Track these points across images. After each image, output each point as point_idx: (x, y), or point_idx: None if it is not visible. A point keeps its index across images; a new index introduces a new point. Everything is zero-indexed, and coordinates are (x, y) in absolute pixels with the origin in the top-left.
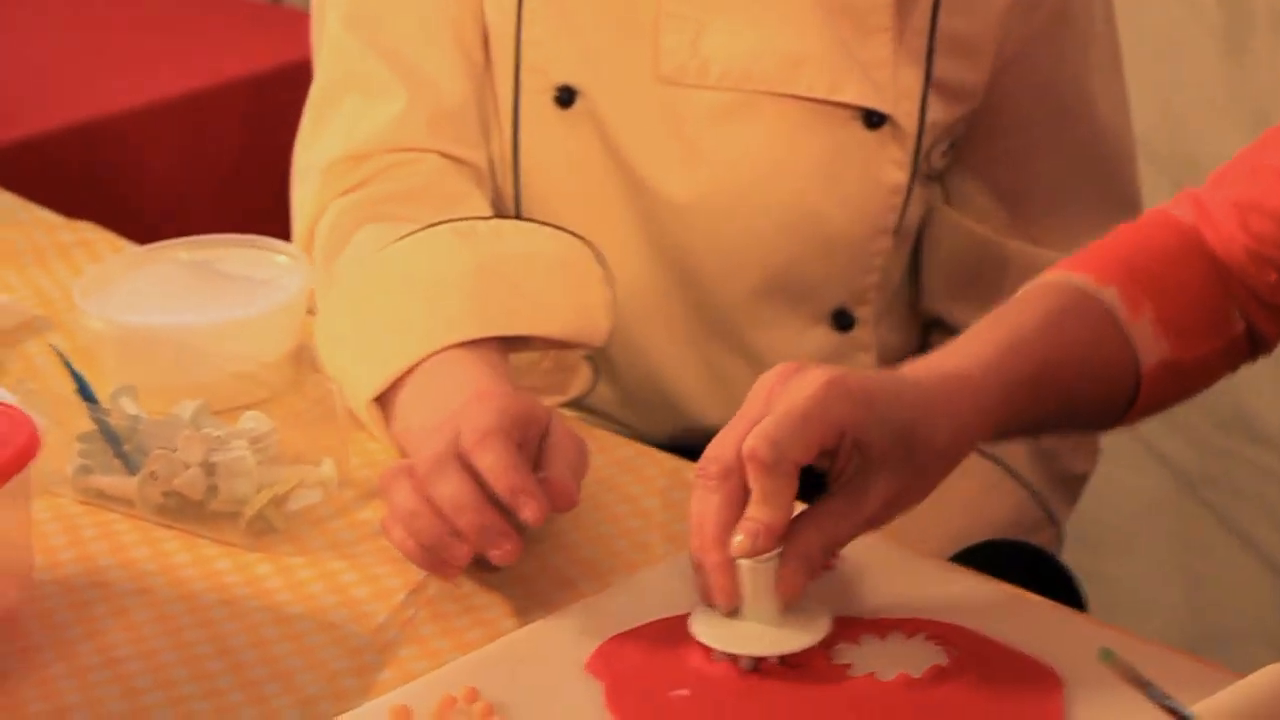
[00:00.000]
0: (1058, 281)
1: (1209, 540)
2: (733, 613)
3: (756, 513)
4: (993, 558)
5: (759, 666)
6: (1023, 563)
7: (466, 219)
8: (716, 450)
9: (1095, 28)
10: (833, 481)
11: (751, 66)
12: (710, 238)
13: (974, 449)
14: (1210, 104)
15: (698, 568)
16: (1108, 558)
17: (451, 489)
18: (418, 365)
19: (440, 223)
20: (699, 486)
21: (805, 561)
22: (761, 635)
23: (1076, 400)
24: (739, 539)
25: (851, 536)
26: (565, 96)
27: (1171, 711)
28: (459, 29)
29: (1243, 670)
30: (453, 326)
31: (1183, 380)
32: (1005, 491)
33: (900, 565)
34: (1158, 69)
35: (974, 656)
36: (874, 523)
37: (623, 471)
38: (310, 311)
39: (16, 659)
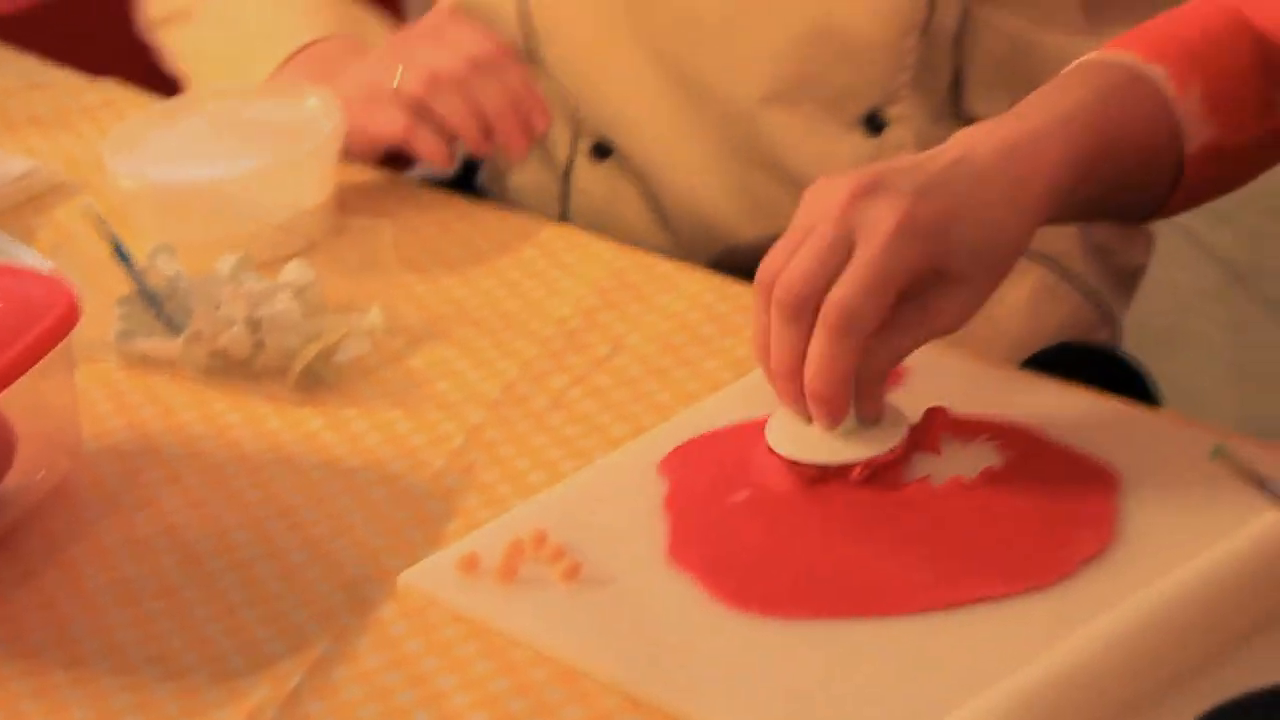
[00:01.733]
0: (1104, 60)
1: (1260, 331)
2: (809, 420)
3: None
4: (1059, 362)
5: (823, 474)
6: (1090, 364)
7: None
8: (789, 278)
9: None
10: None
11: None
12: (729, 50)
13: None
14: None
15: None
16: (1157, 353)
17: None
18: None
19: None
20: (764, 309)
21: (877, 384)
22: (831, 443)
23: (1127, 183)
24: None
25: (917, 347)
26: None
27: None
28: None
29: None
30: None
31: (1225, 167)
32: (1061, 295)
33: (967, 374)
34: None
35: (1029, 458)
36: (944, 333)
37: (692, 307)
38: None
39: (72, 531)
